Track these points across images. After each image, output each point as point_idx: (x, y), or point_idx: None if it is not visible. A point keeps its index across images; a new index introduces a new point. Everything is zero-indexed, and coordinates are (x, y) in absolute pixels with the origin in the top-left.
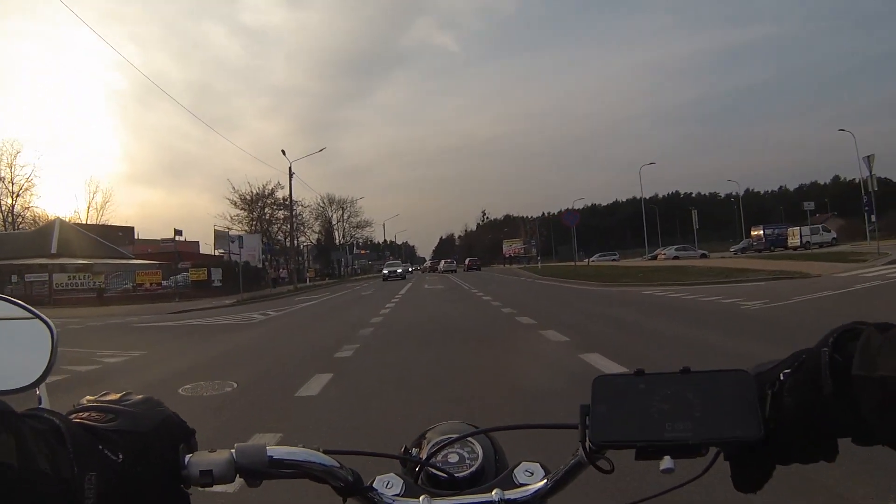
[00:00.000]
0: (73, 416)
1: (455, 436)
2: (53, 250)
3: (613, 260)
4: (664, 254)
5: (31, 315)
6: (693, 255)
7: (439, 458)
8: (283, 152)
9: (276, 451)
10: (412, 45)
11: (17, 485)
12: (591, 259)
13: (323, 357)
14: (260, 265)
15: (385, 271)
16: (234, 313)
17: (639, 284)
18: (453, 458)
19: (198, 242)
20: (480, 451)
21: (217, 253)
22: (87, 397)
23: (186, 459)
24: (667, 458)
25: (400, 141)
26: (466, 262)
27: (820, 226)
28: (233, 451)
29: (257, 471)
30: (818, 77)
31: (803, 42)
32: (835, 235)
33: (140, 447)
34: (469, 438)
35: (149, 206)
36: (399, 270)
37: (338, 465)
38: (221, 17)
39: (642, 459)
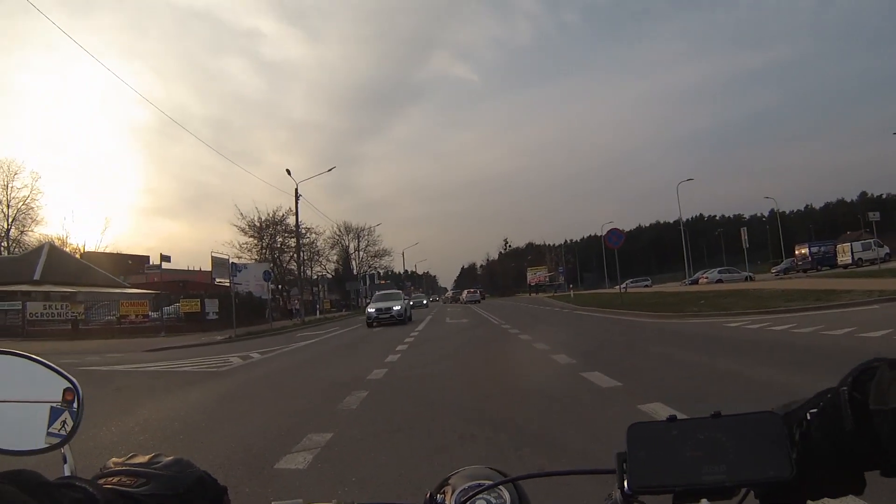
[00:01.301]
0: (103, 480)
1: (487, 483)
2: (36, 276)
3: (646, 286)
4: (706, 277)
5: (54, 373)
6: (738, 277)
7: None
8: (289, 172)
9: None
10: (428, 78)
11: None
12: (623, 285)
13: (261, 460)
14: (268, 296)
15: (371, 310)
16: (214, 354)
17: (709, 315)
18: None
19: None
20: (508, 498)
21: (224, 282)
22: (114, 459)
23: None
24: (704, 501)
25: (418, 175)
26: (465, 293)
27: (872, 241)
28: None
29: None
30: (830, 96)
31: (815, 63)
32: (888, 251)
33: None
34: (499, 486)
35: (172, 239)
36: (397, 308)
37: None
38: (241, 51)
39: (680, 503)
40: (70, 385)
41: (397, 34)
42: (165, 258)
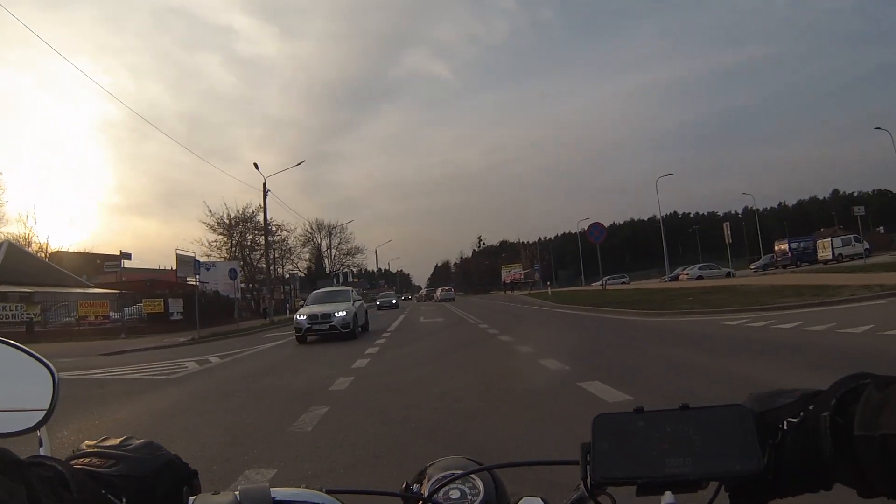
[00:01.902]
0: (75, 461)
1: (458, 472)
2: None
3: (623, 283)
4: (686, 274)
5: (31, 358)
6: (718, 274)
7: (441, 494)
8: (256, 166)
9: (280, 492)
10: (404, 75)
11: None
12: (599, 284)
13: None
14: (236, 295)
15: (301, 317)
16: (172, 357)
17: (702, 312)
18: (455, 495)
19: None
20: (482, 488)
21: (193, 281)
22: (87, 442)
23: (190, 502)
24: (668, 493)
25: (393, 172)
26: (439, 291)
27: (852, 236)
28: (237, 493)
29: None
30: (806, 96)
31: (792, 62)
32: (867, 246)
33: (143, 491)
34: (471, 475)
35: (144, 237)
36: (340, 315)
37: None
38: (216, 47)
39: (643, 495)
40: (46, 369)
41: (373, 31)
42: (126, 255)
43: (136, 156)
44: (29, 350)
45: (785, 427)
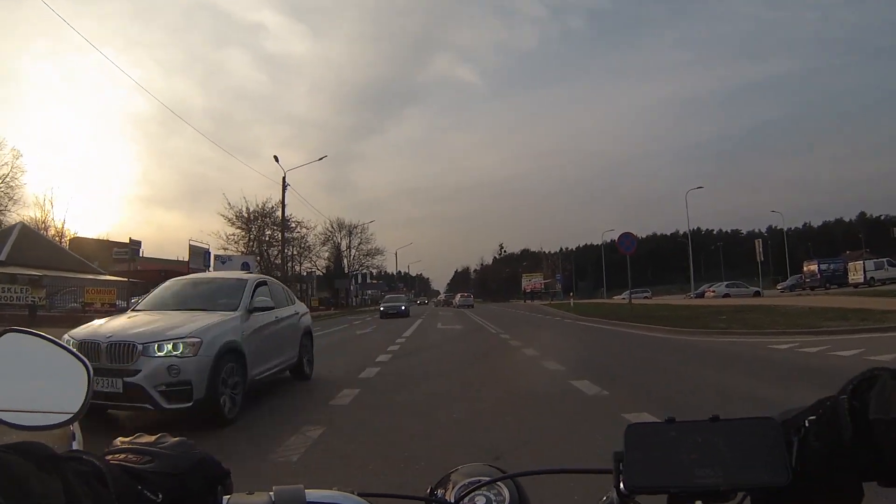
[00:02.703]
0: (110, 457)
1: (485, 479)
2: (2, 257)
3: (646, 297)
4: (713, 291)
5: (67, 353)
6: (746, 292)
7: (466, 500)
8: (276, 158)
9: (314, 494)
10: (430, 80)
11: None
12: (622, 296)
13: None
14: None
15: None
16: None
17: (741, 332)
18: (480, 501)
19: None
20: (507, 495)
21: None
22: (121, 438)
23: (224, 501)
24: (698, 503)
25: (416, 175)
26: (457, 297)
27: (885, 260)
28: (271, 493)
29: None
30: (832, 113)
31: (818, 78)
32: None
33: (178, 488)
34: (497, 482)
35: (166, 229)
36: (402, 308)
37: None
38: (244, 44)
39: None
40: (81, 364)
41: (401, 34)
42: (136, 244)
43: (163, 149)
44: (64, 345)
45: (807, 424)
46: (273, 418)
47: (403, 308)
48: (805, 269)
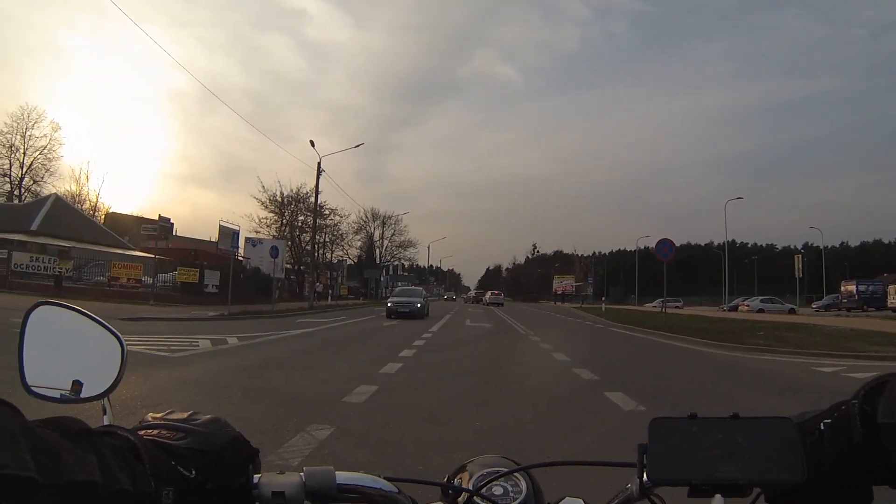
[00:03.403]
0: (143, 432)
1: (504, 469)
2: (34, 227)
3: (677, 307)
4: (747, 305)
5: (102, 328)
6: (781, 308)
7: (485, 490)
8: (312, 143)
9: (343, 476)
10: (470, 74)
11: (102, 500)
12: (658, 304)
13: None
14: (277, 274)
15: (389, 303)
16: (190, 332)
17: (783, 351)
18: (498, 491)
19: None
20: (524, 486)
21: (242, 256)
22: (152, 414)
23: (256, 479)
24: (718, 496)
25: (450, 170)
26: (488, 294)
27: None
28: (302, 474)
29: (326, 495)
30: (876, 134)
31: (857, 100)
32: None
33: (212, 465)
34: (514, 473)
35: (201, 208)
36: (418, 306)
37: (398, 491)
38: (287, 29)
39: (695, 497)
40: (116, 339)
41: (444, 27)
42: (165, 220)
43: (200, 128)
44: (100, 320)
45: (822, 427)
46: (279, 412)
47: (419, 306)
48: (843, 289)
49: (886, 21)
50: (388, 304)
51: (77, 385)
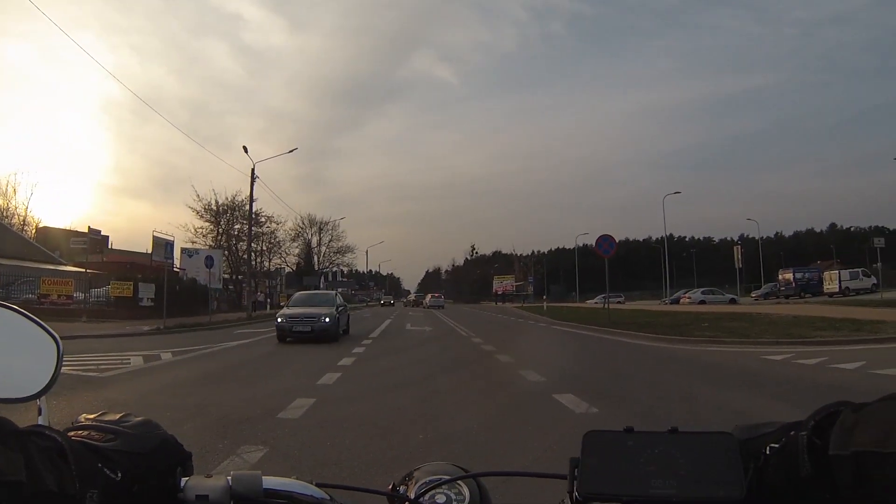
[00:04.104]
0: (73, 433)
1: (446, 477)
2: None
3: (619, 302)
4: (689, 297)
5: (36, 326)
6: (722, 299)
7: (427, 497)
8: (245, 149)
9: (271, 481)
10: (410, 77)
11: (27, 501)
12: (598, 300)
13: None
14: (213, 285)
15: (279, 320)
16: (121, 349)
17: (731, 342)
18: (440, 499)
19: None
20: (468, 494)
21: (178, 267)
22: (85, 415)
23: (183, 482)
24: None
25: (391, 174)
26: (428, 297)
27: (860, 270)
28: (229, 477)
29: (252, 499)
30: (808, 128)
31: (795, 94)
32: (875, 281)
33: (139, 468)
34: (458, 481)
35: (137, 220)
36: (326, 320)
37: (328, 498)
38: (223, 34)
39: None
40: (51, 338)
41: (382, 29)
42: (95, 232)
43: (135, 138)
44: (34, 317)
45: (767, 452)
46: (209, 434)
47: (327, 321)
48: (780, 277)
49: (815, 19)
50: (278, 321)
51: (12, 384)
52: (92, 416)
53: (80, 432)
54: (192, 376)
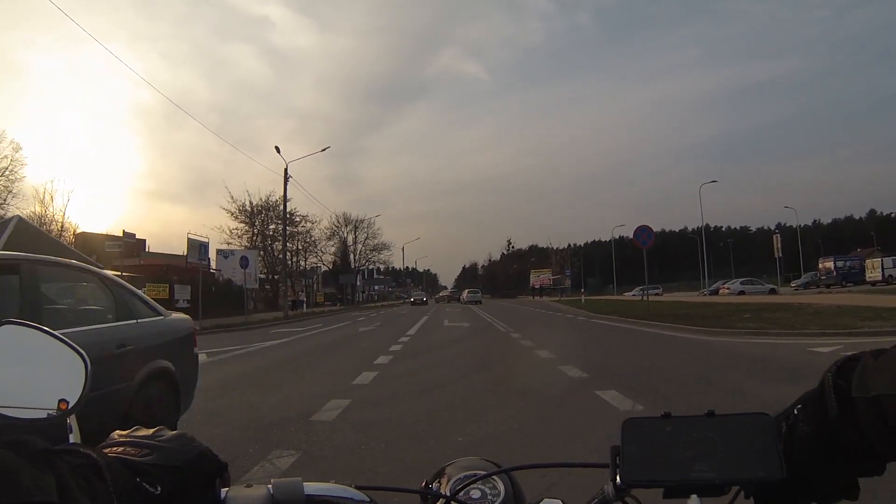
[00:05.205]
0: (107, 450)
1: (481, 473)
2: None
3: (657, 294)
4: (728, 288)
5: (63, 345)
6: (762, 289)
7: (462, 494)
8: (278, 149)
9: (312, 487)
10: (437, 74)
11: None
12: (637, 292)
13: None
14: (250, 285)
15: (411, 299)
16: None
17: (777, 334)
18: (476, 495)
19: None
20: (503, 489)
21: (214, 269)
22: (118, 432)
23: (223, 494)
24: (694, 496)
25: (423, 170)
26: (465, 292)
27: None
28: (270, 486)
29: None
30: (842, 112)
31: (828, 77)
32: None
33: (177, 481)
34: (493, 476)
35: (172, 224)
36: (423, 299)
37: (369, 500)
38: (250, 38)
39: (670, 498)
40: (78, 356)
41: (408, 28)
42: (129, 235)
43: (167, 143)
44: (61, 336)
45: (795, 412)
46: (240, 437)
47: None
48: (821, 266)
49: (846, 2)
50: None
51: (41, 405)
52: (125, 433)
53: (114, 449)
54: (225, 377)
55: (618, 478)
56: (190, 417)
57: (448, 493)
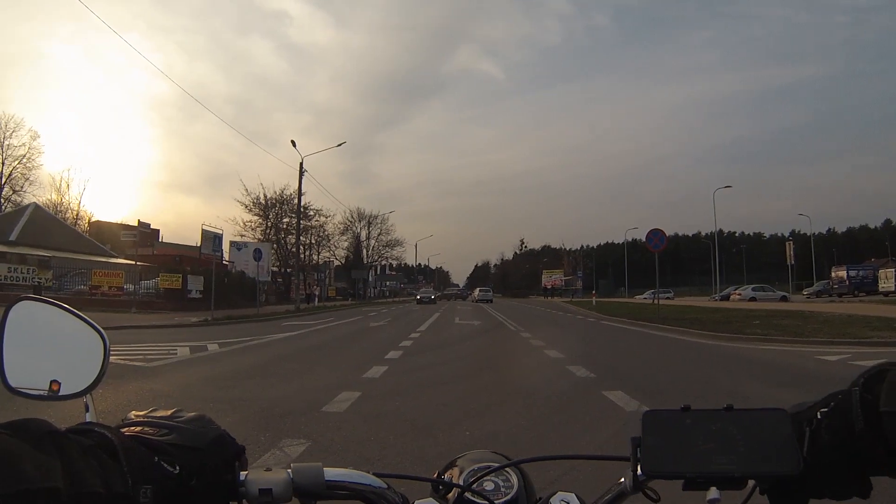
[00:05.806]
0: (125, 429)
1: (495, 465)
2: (12, 237)
3: (668, 298)
4: (739, 294)
5: (83, 323)
6: (773, 296)
7: (476, 485)
8: (294, 143)
9: (332, 472)
10: (453, 72)
11: None
12: (648, 295)
13: None
14: (262, 277)
15: (418, 296)
16: (169, 340)
17: (783, 340)
18: (489, 486)
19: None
20: (515, 481)
21: (227, 260)
22: (135, 412)
23: (242, 476)
24: (713, 489)
25: (437, 168)
26: (476, 291)
27: None
28: (289, 470)
29: (314, 492)
30: (861, 119)
31: (846, 84)
32: None
33: (196, 462)
34: (506, 468)
35: (186, 215)
36: (432, 297)
37: (387, 486)
38: (267, 32)
39: (690, 490)
40: (98, 334)
41: (426, 25)
42: (144, 225)
43: (183, 135)
44: (81, 314)
45: (819, 416)
46: (251, 426)
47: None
48: (833, 274)
49: (866, 7)
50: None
51: (58, 382)
52: (143, 413)
53: (132, 428)
54: (237, 368)
55: (639, 468)
56: (202, 406)
57: (462, 484)
